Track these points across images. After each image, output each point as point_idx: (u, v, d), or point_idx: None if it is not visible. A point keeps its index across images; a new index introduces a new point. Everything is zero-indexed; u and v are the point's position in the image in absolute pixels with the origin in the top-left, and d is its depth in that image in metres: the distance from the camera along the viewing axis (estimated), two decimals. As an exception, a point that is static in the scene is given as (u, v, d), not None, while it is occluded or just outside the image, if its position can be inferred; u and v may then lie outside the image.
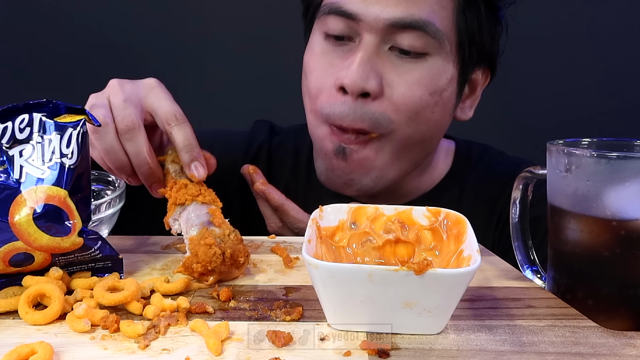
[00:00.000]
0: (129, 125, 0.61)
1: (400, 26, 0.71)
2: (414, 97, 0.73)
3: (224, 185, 0.85)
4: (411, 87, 0.73)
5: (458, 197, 0.86)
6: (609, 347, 0.43)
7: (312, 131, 0.81)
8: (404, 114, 0.74)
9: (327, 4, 0.75)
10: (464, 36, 0.75)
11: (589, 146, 0.54)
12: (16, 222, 0.47)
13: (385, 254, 0.54)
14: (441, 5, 0.73)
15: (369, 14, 0.71)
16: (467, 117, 0.84)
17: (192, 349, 0.42)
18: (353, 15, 0.72)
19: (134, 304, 0.47)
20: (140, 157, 0.62)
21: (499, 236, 0.82)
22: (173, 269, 0.58)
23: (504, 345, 0.43)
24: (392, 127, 0.74)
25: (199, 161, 0.62)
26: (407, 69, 0.73)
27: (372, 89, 0.72)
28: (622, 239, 0.48)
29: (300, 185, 0.89)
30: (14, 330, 0.45)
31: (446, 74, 0.75)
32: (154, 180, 0.64)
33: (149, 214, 0.91)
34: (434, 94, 0.74)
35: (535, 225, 0.59)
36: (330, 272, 0.42)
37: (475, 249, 0.46)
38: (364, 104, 0.73)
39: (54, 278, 0.50)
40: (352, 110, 0.73)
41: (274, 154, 0.93)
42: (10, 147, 0.49)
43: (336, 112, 0.74)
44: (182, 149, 0.62)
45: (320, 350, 0.42)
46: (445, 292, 0.42)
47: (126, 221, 0.71)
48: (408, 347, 0.43)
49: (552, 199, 0.53)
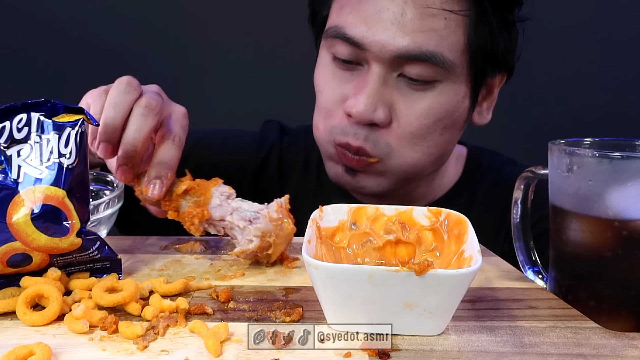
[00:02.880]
0: (151, 104, 0.57)
1: (408, 57, 0.69)
2: (421, 126, 0.73)
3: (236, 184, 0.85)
4: (419, 117, 0.72)
5: (468, 206, 0.85)
6: (611, 348, 0.43)
7: (320, 143, 0.81)
8: (406, 141, 0.73)
9: (333, 27, 0.74)
10: (477, 53, 0.73)
11: (591, 146, 0.54)
12: (14, 222, 0.47)
13: (386, 254, 0.53)
14: (450, 31, 0.70)
15: (374, 43, 0.70)
16: (485, 120, 0.82)
17: (191, 350, 0.42)
18: (358, 44, 0.71)
19: (132, 305, 0.47)
20: (137, 134, 0.56)
21: (509, 247, 0.82)
22: (172, 269, 0.57)
23: (505, 347, 0.43)
24: (392, 153, 0.74)
25: (162, 181, 0.57)
26: (417, 97, 0.72)
27: (380, 121, 0.71)
28: (624, 240, 0.48)
29: (310, 187, 0.90)
30: (12, 331, 0.45)
31: (457, 95, 0.74)
32: (126, 162, 0.57)
33: None
34: (444, 119, 0.74)
35: None
36: (330, 273, 0.42)
37: (476, 249, 0.45)
38: (371, 130, 0.73)
39: (52, 279, 0.49)
40: (357, 129, 0.73)
41: (284, 155, 0.93)
42: (8, 147, 0.49)
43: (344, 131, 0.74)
44: (158, 163, 0.58)
45: (320, 351, 0.42)
46: (446, 292, 0.42)
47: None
48: (409, 349, 0.42)
49: (554, 199, 0.53)
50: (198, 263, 0.60)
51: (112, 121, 0.55)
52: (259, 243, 0.56)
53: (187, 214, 0.57)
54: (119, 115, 0.55)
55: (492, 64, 0.76)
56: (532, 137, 1.23)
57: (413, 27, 0.69)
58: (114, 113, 0.55)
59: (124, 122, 0.56)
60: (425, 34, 0.69)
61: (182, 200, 0.58)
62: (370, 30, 0.70)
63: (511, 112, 1.56)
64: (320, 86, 0.78)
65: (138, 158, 0.57)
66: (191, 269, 0.58)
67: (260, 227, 0.56)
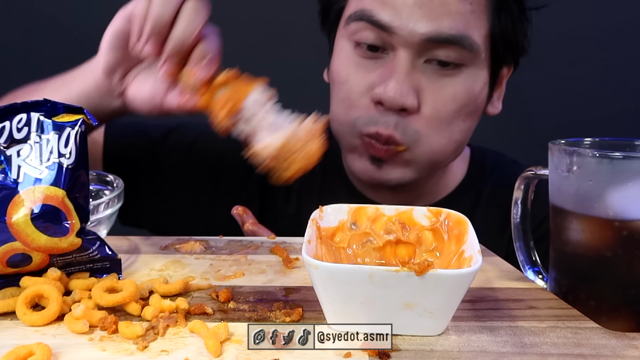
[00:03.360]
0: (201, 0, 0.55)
1: (437, 41, 0.69)
2: (448, 112, 0.73)
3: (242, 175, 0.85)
4: (446, 102, 0.73)
5: (473, 205, 0.86)
6: (611, 348, 0.43)
7: (342, 136, 0.80)
8: (434, 127, 0.73)
9: (359, 11, 0.73)
10: (499, 40, 0.74)
11: (591, 146, 0.54)
12: (14, 222, 0.47)
13: (386, 254, 0.53)
14: (476, 16, 0.71)
15: (403, 27, 0.69)
16: (497, 110, 0.83)
17: (191, 350, 0.42)
18: (386, 27, 0.70)
19: (132, 305, 0.47)
20: (189, 29, 0.55)
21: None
22: (172, 269, 0.57)
23: (505, 347, 0.43)
24: (420, 140, 0.74)
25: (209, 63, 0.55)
26: (444, 83, 0.72)
27: (410, 106, 0.71)
28: (624, 240, 0.48)
29: (315, 181, 0.89)
30: (12, 331, 0.44)
31: (480, 81, 0.75)
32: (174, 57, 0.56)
33: None
34: (468, 104, 0.74)
35: None
36: (330, 273, 0.42)
37: (476, 249, 0.45)
38: (400, 116, 0.72)
39: (52, 279, 0.49)
40: (387, 117, 0.72)
41: None
42: (7, 147, 0.49)
43: (372, 121, 0.73)
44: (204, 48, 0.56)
45: (320, 352, 0.42)
46: (446, 293, 0.42)
47: None
48: (409, 349, 0.42)
49: (554, 199, 0.53)
50: (198, 263, 0.59)
51: (163, 15, 0.54)
52: (283, 141, 0.52)
53: (218, 102, 0.55)
54: (169, 9, 0.54)
55: (512, 51, 0.77)
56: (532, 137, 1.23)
57: (441, 11, 0.69)
58: (164, 6, 0.54)
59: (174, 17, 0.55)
60: (454, 17, 0.69)
61: (219, 91, 0.55)
62: (398, 14, 0.70)
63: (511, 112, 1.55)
64: (342, 77, 0.77)
65: (186, 54, 0.56)
66: (191, 269, 0.58)
67: (290, 127, 0.52)
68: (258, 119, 0.54)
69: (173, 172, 0.89)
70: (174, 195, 0.89)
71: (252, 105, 0.54)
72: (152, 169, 0.88)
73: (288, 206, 0.89)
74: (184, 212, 0.89)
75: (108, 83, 0.65)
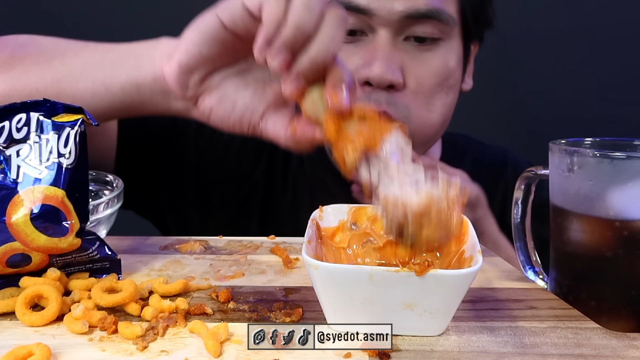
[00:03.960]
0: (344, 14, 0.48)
1: (415, 17, 0.72)
2: (432, 85, 0.75)
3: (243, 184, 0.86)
4: (429, 76, 0.75)
5: None
6: (612, 348, 0.43)
7: None
8: (421, 102, 0.75)
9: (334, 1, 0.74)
10: (469, 13, 0.78)
11: (591, 146, 0.54)
12: (13, 222, 0.47)
13: (386, 255, 0.53)
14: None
15: (382, 7, 0.71)
16: (469, 86, 0.86)
17: (191, 351, 0.42)
18: (365, 10, 0.72)
19: (132, 305, 0.47)
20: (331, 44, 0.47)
21: None
22: (172, 269, 0.57)
23: (505, 347, 0.43)
24: (411, 115, 0.75)
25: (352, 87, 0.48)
26: (425, 58, 0.75)
27: (397, 81, 0.73)
28: (625, 240, 0.47)
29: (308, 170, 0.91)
30: (12, 331, 0.44)
31: (457, 54, 0.78)
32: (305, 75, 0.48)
33: None
34: (449, 77, 0.77)
35: None
36: (330, 273, 0.42)
37: (476, 249, 0.45)
38: (389, 93, 0.74)
39: (52, 279, 0.49)
40: (376, 95, 0.73)
41: None
42: (7, 147, 0.49)
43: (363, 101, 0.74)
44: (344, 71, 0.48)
45: (320, 352, 0.42)
46: (446, 293, 0.42)
47: None
48: (409, 349, 0.42)
49: (554, 199, 0.52)
50: (198, 263, 0.59)
51: (306, 23, 0.46)
52: (425, 202, 0.43)
53: (351, 137, 0.46)
54: (313, 17, 0.46)
55: (480, 24, 0.81)
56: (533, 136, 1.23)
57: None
58: (309, 17, 0.46)
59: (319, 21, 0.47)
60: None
61: (352, 122, 0.47)
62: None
63: (512, 112, 1.56)
64: None
65: (320, 74, 0.48)
66: (191, 269, 0.58)
67: (434, 189, 0.44)
68: (393, 167, 0.46)
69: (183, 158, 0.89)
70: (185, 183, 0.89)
71: (390, 150, 0.46)
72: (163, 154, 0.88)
73: (285, 195, 0.90)
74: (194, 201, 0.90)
75: (181, 81, 0.54)
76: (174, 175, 0.89)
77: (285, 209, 0.89)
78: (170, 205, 0.90)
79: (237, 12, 0.49)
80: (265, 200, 0.89)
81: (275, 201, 0.89)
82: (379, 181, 0.46)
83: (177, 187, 0.89)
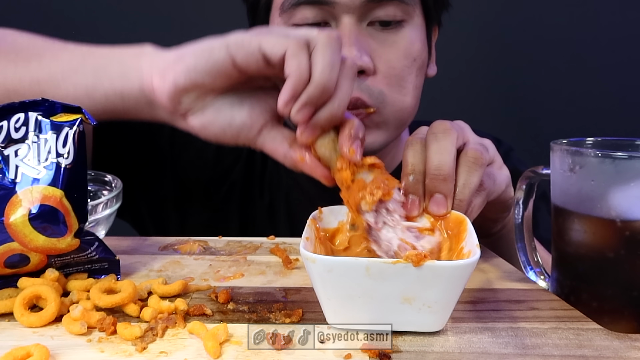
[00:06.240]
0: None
1: (377, 0, 0.72)
2: (402, 67, 0.75)
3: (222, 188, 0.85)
4: (399, 58, 0.75)
5: None
6: (614, 349, 0.43)
7: None
8: (394, 85, 0.75)
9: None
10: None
11: (593, 146, 0.53)
12: (12, 222, 0.46)
13: None
14: None
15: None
16: (434, 72, 0.86)
17: (190, 352, 0.41)
18: (327, 1, 0.71)
19: (131, 306, 0.47)
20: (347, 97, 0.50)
21: None
22: (171, 270, 0.57)
23: (506, 348, 0.43)
24: (385, 100, 0.75)
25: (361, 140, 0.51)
26: (392, 41, 0.75)
27: (367, 66, 0.72)
28: (626, 240, 0.47)
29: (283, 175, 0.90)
30: (10, 332, 0.44)
31: (421, 35, 0.78)
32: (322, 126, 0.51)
33: None
34: (417, 58, 0.77)
35: None
36: (327, 266, 0.41)
37: (474, 243, 0.45)
38: (360, 80, 0.73)
39: (50, 280, 0.49)
40: None
41: None
42: (5, 147, 0.49)
43: None
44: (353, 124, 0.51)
45: (321, 352, 0.42)
46: (444, 285, 0.42)
47: None
48: (409, 350, 0.42)
49: (556, 199, 0.52)
50: (197, 264, 0.59)
51: (330, 84, 0.49)
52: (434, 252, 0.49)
53: (365, 185, 0.50)
54: (334, 76, 0.49)
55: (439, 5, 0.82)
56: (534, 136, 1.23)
57: None
58: (333, 76, 0.49)
59: None
60: None
61: (366, 172, 0.51)
62: None
63: (512, 112, 1.56)
64: None
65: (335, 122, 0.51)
66: (190, 269, 0.58)
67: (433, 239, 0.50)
68: (396, 218, 0.50)
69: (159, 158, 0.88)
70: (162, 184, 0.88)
71: (395, 202, 0.51)
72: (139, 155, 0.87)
73: (262, 198, 0.90)
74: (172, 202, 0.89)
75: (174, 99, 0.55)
76: (151, 176, 0.88)
77: (263, 210, 0.89)
78: (148, 206, 0.89)
79: (253, 55, 0.50)
80: (244, 202, 0.88)
81: (254, 202, 0.89)
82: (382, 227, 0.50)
83: (154, 188, 0.88)
